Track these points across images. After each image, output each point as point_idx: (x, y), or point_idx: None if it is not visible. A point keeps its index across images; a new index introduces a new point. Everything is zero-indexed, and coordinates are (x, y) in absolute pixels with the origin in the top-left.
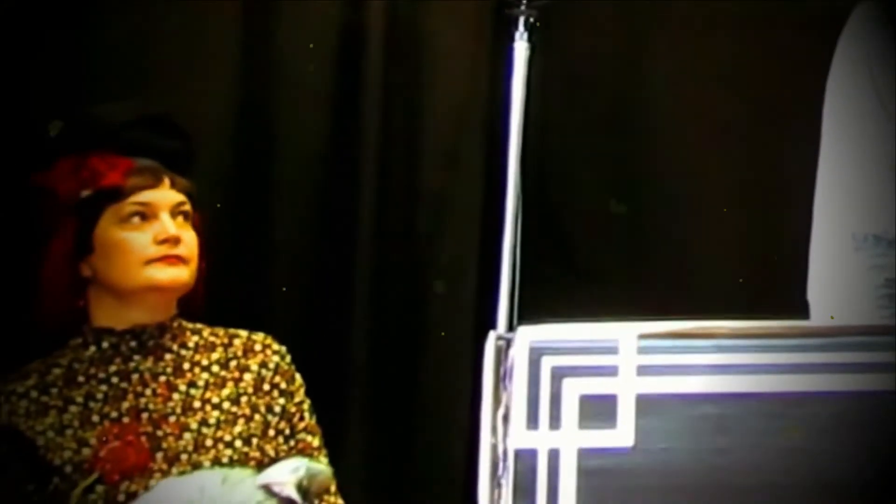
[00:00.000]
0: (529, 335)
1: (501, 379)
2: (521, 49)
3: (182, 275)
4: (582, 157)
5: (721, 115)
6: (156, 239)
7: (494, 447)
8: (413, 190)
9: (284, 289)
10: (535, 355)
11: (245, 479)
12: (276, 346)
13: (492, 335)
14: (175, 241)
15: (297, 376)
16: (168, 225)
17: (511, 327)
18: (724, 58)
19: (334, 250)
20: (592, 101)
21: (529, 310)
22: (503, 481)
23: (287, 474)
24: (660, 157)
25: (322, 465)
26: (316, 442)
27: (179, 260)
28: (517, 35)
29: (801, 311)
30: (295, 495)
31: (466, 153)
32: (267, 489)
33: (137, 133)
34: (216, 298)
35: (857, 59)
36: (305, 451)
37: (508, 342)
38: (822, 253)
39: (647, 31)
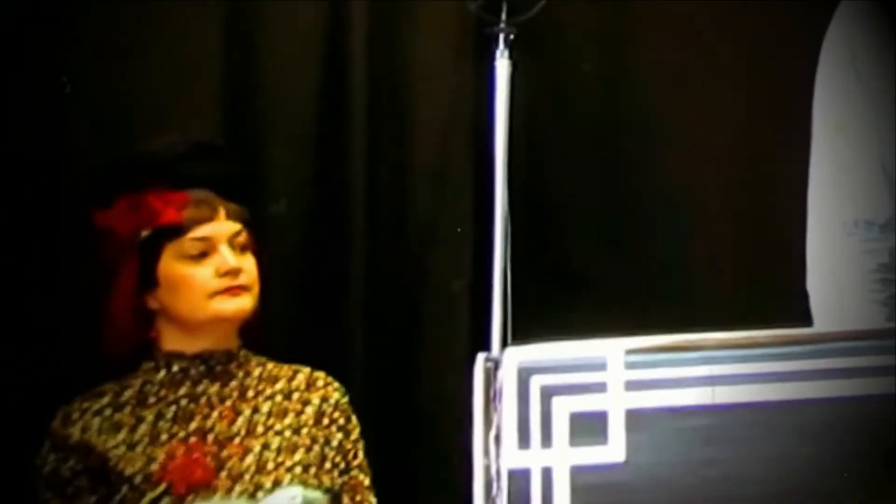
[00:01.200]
0: (517, 355)
1: (491, 400)
2: (502, 66)
3: (246, 304)
4: (570, 169)
5: (711, 120)
6: (217, 272)
7: (487, 468)
8: (402, 210)
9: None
10: (524, 375)
11: None
12: (336, 385)
13: (480, 357)
14: (236, 272)
15: (353, 417)
16: (228, 257)
17: (505, 345)
18: (711, 61)
19: (324, 273)
20: (579, 112)
21: (523, 325)
22: (498, 501)
23: (285, 502)
24: (649, 166)
25: (318, 493)
26: (367, 481)
27: (242, 289)
28: (498, 53)
29: (802, 303)
30: None
31: (454, 171)
32: None
33: (190, 165)
34: None
35: (843, 53)
36: (356, 488)
37: (497, 363)
38: (817, 242)
39: (631, 38)
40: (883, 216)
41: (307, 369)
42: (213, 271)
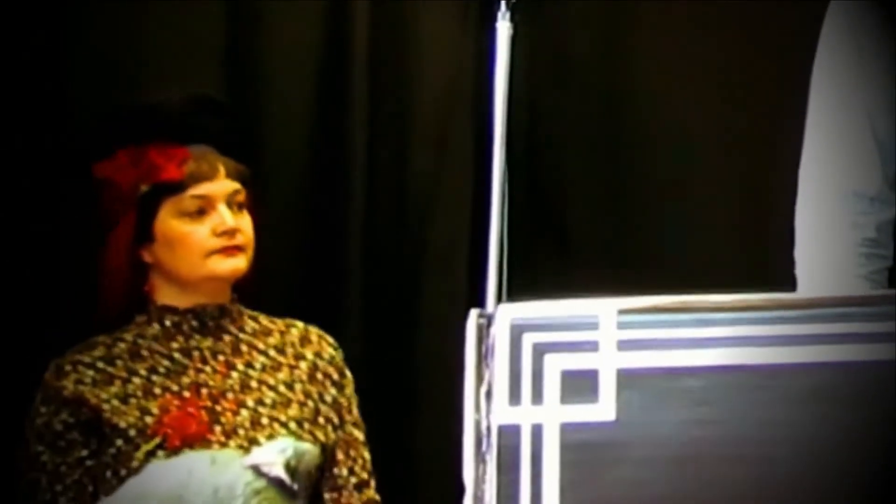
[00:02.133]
0: (510, 312)
1: (483, 356)
2: (503, 30)
3: (241, 264)
4: (569, 133)
5: (709, 87)
6: (214, 231)
7: (478, 423)
8: (402, 173)
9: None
10: (517, 332)
11: (234, 461)
12: (330, 340)
13: (473, 313)
14: (233, 232)
15: (348, 372)
16: (226, 217)
17: (499, 303)
18: (711, 31)
19: (325, 235)
20: (581, 79)
21: (520, 290)
22: (487, 457)
23: (275, 455)
24: (650, 135)
25: (308, 445)
26: (361, 436)
27: (238, 249)
28: (499, 16)
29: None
30: (283, 475)
31: (455, 135)
32: (255, 470)
33: (193, 119)
34: None
35: (844, 25)
36: (351, 444)
37: (489, 319)
38: (807, 212)
39: (634, 7)
40: (873, 189)
41: (301, 324)
42: (210, 230)
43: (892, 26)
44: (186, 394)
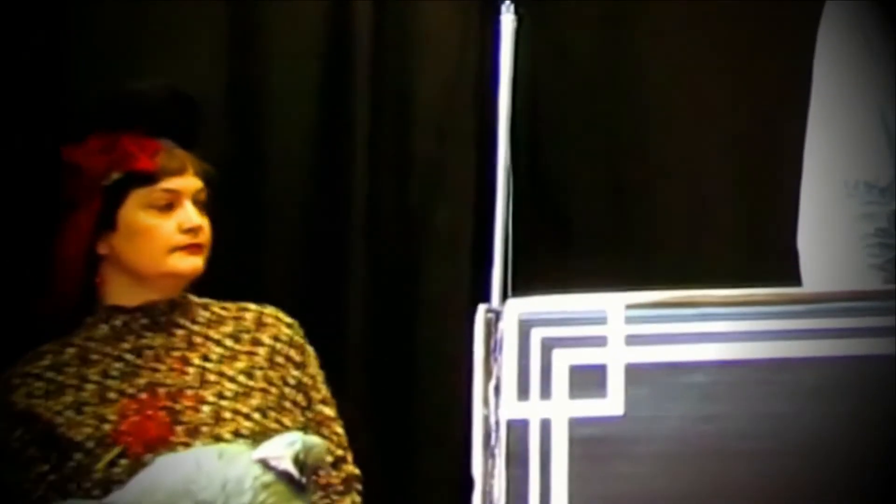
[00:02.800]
0: (519, 307)
1: (492, 351)
2: (507, 21)
3: (199, 264)
4: (573, 124)
5: (713, 77)
6: (180, 227)
7: (486, 418)
8: (405, 163)
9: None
10: (525, 327)
11: (242, 454)
12: (287, 319)
13: (481, 308)
14: (197, 230)
15: (310, 348)
16: (192, 214)
17: (505, 299)
18: (715, 19)
19: (328, 225)
20: (585, 71)
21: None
22: (496, 451)
23: (283, 448)
24: (652, 124)
25: (317, 439)
26: (332, 413)
27: (199, 248)
28: (503, 7)
29: (792, 259)
30: (292, 469)
31: (457, 125)
32: (264, 463)
33: (165, 112)
34: (211, 275)
35: (848, 9)
36: (322, 423)
37: (498, 315)
38: (812, 200)
39: None
40: (884, 179)
41: (254, 307)
42: (176, 225)
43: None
44: (143, 395)
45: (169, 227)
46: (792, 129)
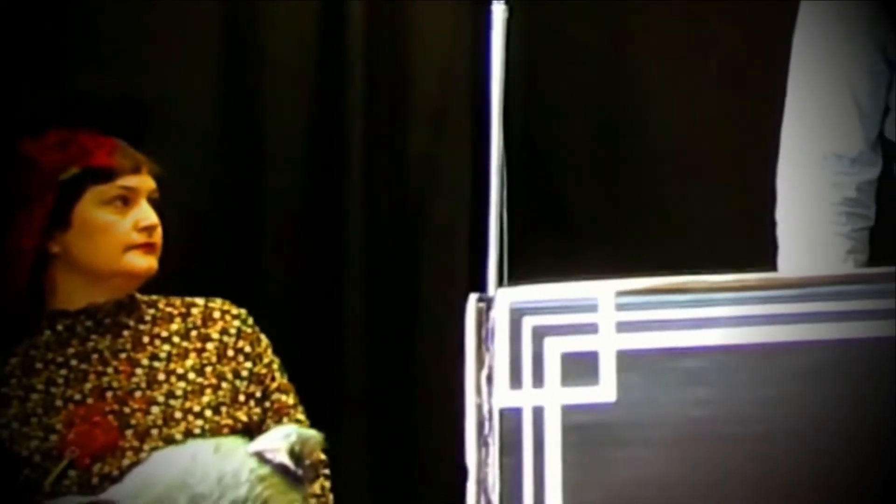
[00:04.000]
0: (510, 296)
1: (484, 340)
2: (498, 11)
3: (154, 264)
4: (567, 113)
5: (706, 66)
6: (136, 226)
7: (479, 407)
8: (401, 155)
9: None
10: (516, 315)
11: (238, 448)
12: (235, 311)
13: (472, 297)
14: (153, 229)
15: (263, 337)
16: (149, 212)
17: (500, 286)
18: (714, 8)
19: (324, 217)
20: (580, 58)
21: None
22: (490, 440)
23: (279, 441)
24: (649, 115)
25: (313, 431)
26: (291, 400)
27: (153, 248)
28: None
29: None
30: (287, 461)
31: (452, 116)
32: (259, 456)
33: (121, 113)
34: (209, 267)
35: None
36: (281, 411)
37: (489, 303)
38: (789, 173)
39: None
40: (854, 150)
41: (201, 301)
42: (132, 224)
43: None
44: (90, 400)
45: (125, 225)
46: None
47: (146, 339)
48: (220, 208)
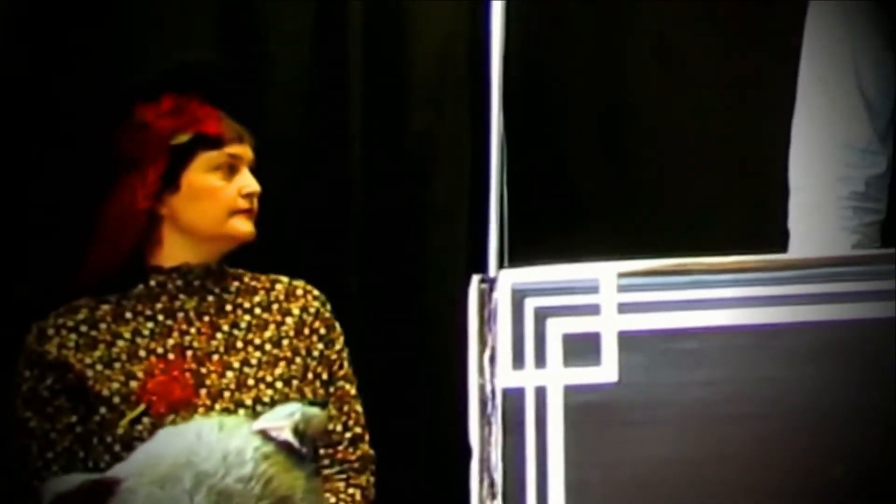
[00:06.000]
0: (512, 277)
1: (486, 321)
2: None
3: (253, 230)
4: (568, 91)
5: (708, 47)
6: (240, 192)
7: (482, 387)
8: (401, 134)
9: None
10: (518, 296)
11: (242, 426)
12: (316, 293)
13: (475, 278)
14: (255, 196)
15: (337, 325)
16: (252, 180)
17: (501, 267)
18: None
19: (325, 198)
20: (580, 39)
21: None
22: (492, 420)
23: (283, 419)
24: (650, 94)
25: (316, 409)
26: (353, 391)
27: (253, 215)
28: None
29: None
30: (292, 439)
31: (452, 96)
32: (264, 434)
33: (225, 86)
34: None
35: None
36: (343, 399)
37: (491, 284)
38: (798, 166)
39: None
40: (863, 141)
41: (285, 279)
42: (236, 190)
43: None
44: (171, 356)
45: (231, 190)
46: (791, 94)
47: (229, 308)
48: None
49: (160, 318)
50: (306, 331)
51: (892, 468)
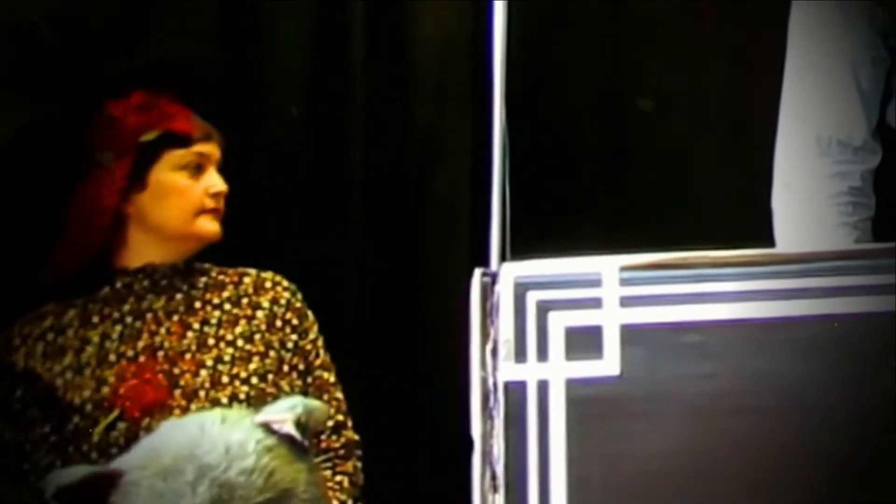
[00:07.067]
0: (514, 271)
1: (488, 314)
2: None
3: (219, 229)
4: (570, 87)
5: (709, 45)
6: (207, 191)
7: (484, 380)
8: (403, 127)
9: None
10: (521, 290)
11: (244, 418)
12: (286, 284)
13: (477, 272)
14: (222, 195)
15: (310, 313)
16: (219, 179)
17: (503, 261)
18: None
19: (326, 191)
20: (580, 31)
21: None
22: (494, 413)
23: (285, 412)
24: (650, 85)
25: (318, 402)
26: (332, 378)
27: (220, 215)
28: None
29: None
30: (294, 432)
31: (454, 88)
32: (266, 427)
33: (202, 84)
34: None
35: None
36: (322, 388)
37: (494, 278)
38: (786, 158)
39: None
40: (859, 138)
41: (253, 271)
42: (203, 189)
43: None
44: (142, 358)
45: (198, 189)
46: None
47: (198, 305)
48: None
49: (128, 320)
50: (278, 323)
51: (893, 460)
